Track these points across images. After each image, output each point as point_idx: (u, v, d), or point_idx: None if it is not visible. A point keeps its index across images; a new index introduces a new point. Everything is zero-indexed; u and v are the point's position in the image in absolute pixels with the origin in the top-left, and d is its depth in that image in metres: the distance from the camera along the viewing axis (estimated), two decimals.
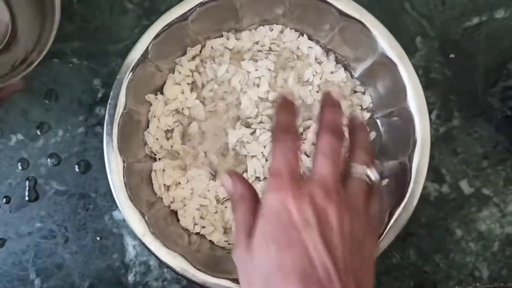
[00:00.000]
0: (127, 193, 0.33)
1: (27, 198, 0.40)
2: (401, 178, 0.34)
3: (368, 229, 0.26)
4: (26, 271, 0.39)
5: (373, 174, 0.27)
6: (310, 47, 0.39)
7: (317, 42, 0.39)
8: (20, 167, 0.40)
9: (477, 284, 0.39)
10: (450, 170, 0.40)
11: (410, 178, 0.33)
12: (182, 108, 0.38)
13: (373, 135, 0.39)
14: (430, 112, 0.34)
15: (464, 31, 0.42)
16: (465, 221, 0.40)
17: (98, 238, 0.39)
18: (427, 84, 0.40)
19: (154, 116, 0.38)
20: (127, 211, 0.33)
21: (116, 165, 0.34)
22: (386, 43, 0.35)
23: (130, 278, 0.39)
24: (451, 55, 0.42)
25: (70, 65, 0.41)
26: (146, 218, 0.33)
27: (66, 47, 0.41)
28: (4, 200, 0.40)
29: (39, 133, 0.41)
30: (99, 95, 0.41)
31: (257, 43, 0.39)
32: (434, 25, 0.42)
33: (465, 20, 0.42)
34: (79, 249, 0.39)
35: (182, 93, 0.38)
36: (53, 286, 0.39)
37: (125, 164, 0.34)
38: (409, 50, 0.35)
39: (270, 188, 0.25)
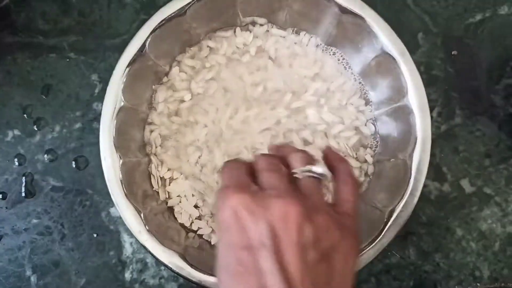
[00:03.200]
0: (123, 190, 0.33)
1: (23, 194, 0.40)
2: (401, 176, 0.34)
3: (337, 229, 0.23)
4: (23, 268, 0.39)
5: (319, 168, 0.25)
6: (309, 43, 0.39)
7: (317, 38, 0.39)
8: (16, 163, 0.40)
9: (478, 284, 0.39)
10: (451, 168, 0.40)
11: (411, 176, 0.33)
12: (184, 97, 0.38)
13: (372, 130, 0.38)
14: (431, 110, 0.34)
15: (467, 28, 0.41)
16: (466, 220, 0.39)
17: (95, 235, 0.39)
18: (429, 81, 0.40)
19: (158, 103, 0.38)
20: (123, 208, 0.33)
21: (112, 162, 0.33)
22: (387, 39, 0.34)
23: (127, 275, 0.38)
24: (454, 52, 0.41)
25: (67, 60, 0.41)
26: (142, 215, 0.33)
27: (63, 41, 0.41)
28: (0, 196, 0.39)
29: (36, 129, 0.40)
30: (97, 90, 0.41)
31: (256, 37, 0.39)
32: (437, 21, 0.41)
33: (468, 16, 0.42)
34: (76, 246, 0.39)
35: (187, 81, 0.38)
36: (49, 283, 0.38)
37: (121, 161, 0.33)
38: (411, 46, 0.35)
39: (218, 200, 0.23)
